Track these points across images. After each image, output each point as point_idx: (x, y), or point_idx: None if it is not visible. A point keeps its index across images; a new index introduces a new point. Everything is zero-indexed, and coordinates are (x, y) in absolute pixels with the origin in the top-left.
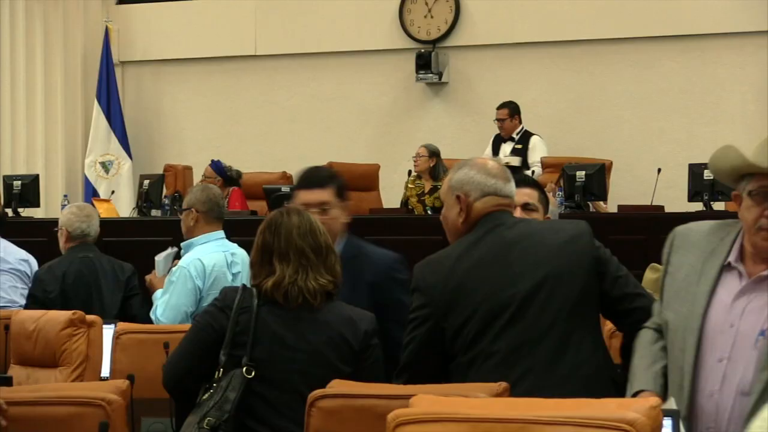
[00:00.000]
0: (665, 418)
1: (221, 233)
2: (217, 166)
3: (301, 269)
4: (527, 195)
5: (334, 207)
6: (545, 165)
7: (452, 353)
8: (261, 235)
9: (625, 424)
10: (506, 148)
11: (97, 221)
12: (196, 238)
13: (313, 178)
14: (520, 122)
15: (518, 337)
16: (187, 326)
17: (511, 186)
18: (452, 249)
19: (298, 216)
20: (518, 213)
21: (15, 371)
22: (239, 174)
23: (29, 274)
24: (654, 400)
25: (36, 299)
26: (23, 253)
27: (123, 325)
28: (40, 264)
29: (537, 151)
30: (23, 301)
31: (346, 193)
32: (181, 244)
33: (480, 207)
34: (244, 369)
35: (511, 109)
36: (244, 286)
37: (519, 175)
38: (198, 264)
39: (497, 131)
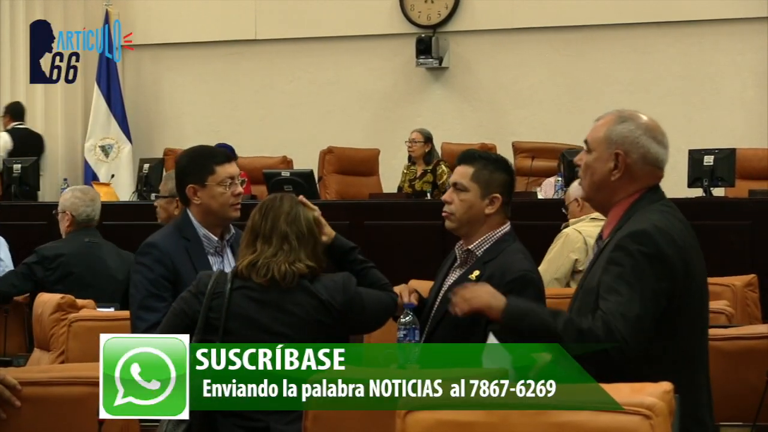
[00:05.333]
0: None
1: None
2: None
3: (280, 252)
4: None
5: None
6: (543, 150)
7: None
8: (252, 217)
9: (644, 409)
10: None
11: (100, 204)
12: None
13: (225, 153)
14: None
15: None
16: None
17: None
18: (666, 218)
19: (290, 203)
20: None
21: (35, 354)
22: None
23: None
24: (667, 385)
25: (33, 277)
26: None
27: (80, 312)
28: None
29: None
30: None
31: None
32: None
33: (641, 172)
34: None
35: None
36: (220, 270)
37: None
38: None
39: (496, 116)
